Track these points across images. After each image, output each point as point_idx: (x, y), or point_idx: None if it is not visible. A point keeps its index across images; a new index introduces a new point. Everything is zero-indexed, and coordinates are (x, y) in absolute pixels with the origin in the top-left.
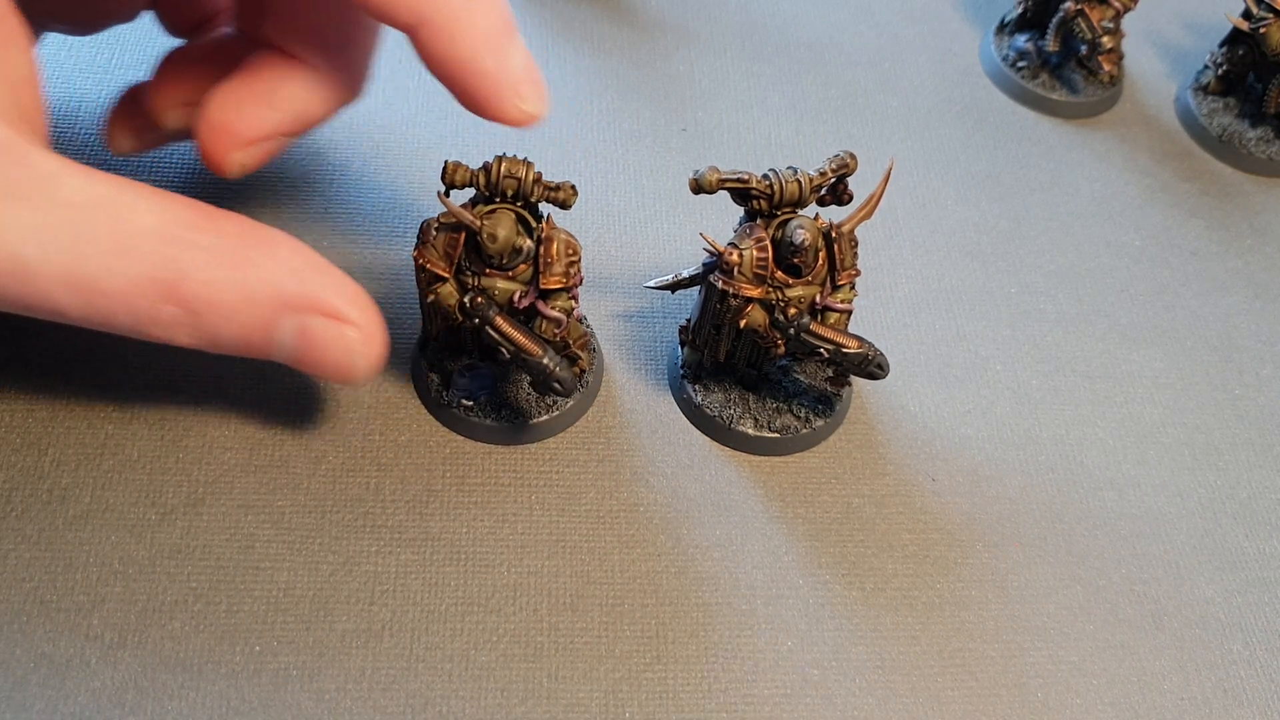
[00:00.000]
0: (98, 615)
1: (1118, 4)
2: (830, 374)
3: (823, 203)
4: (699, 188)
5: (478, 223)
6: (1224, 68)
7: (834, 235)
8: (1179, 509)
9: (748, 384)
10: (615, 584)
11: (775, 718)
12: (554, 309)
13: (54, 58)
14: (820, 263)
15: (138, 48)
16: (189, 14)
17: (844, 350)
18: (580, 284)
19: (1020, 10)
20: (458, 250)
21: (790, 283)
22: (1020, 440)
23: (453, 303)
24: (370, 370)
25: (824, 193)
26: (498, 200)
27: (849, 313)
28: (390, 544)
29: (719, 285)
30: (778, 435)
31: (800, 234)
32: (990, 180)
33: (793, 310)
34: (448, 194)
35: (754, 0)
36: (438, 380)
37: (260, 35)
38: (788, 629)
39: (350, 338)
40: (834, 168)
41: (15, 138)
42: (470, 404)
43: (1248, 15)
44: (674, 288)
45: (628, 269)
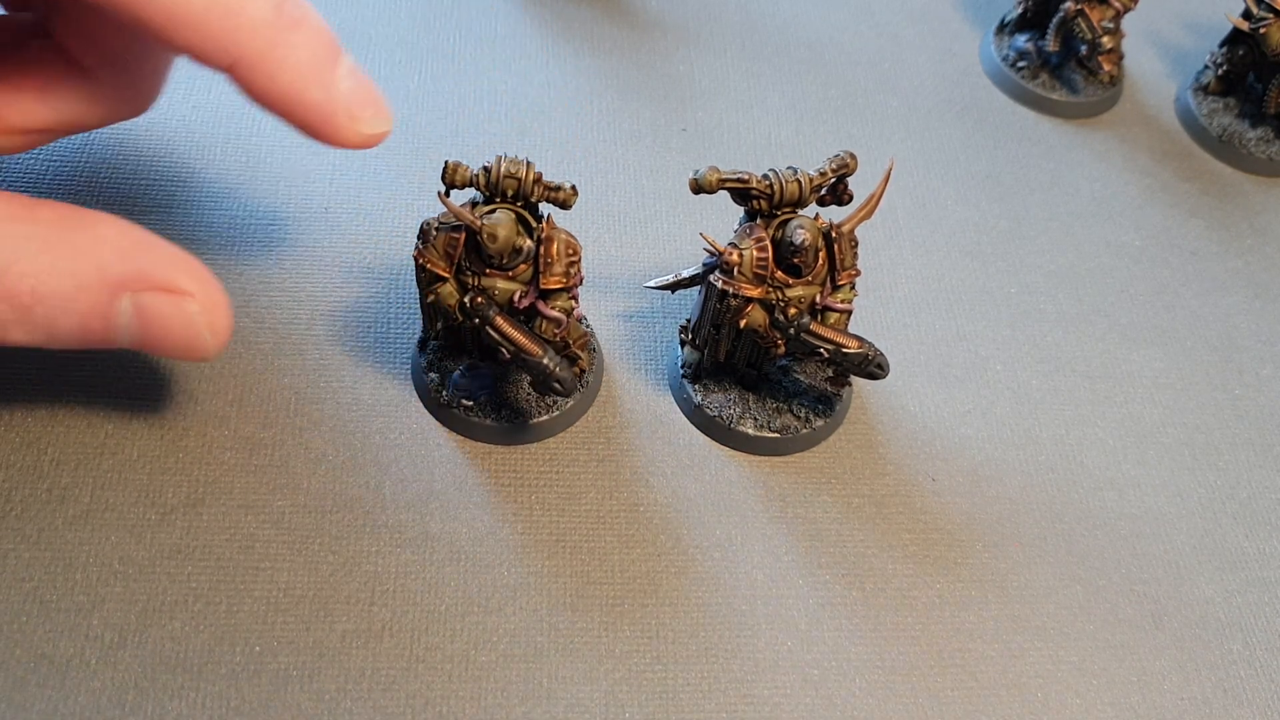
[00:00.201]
0: (98, 615)
1: (1118, 4)
2: (830, 374)
3: (823, 203)
4: (699, 188)
5: (478, 223)
6: (1224, 68)
7: (834, 235)
8: (1179, 509)
9: (748, 384)
10: (615, 584)
11: (775, 718)
12: (554, 309)
13: None
14: (820, 263)
15: None
16: None
17: (844, 350)
18: (580, 284)
19: (1020, 10)
20: (458, 250)
21: (790, 283)
22: (1020, 440)
23: (453, 303)
24: (219, 343)
25: (824, 193)
26: (498, 200)
27: (849, 313)
28: (390, 544)
29: (719, 285)
30: (778, 435)
31: (800, 234)
32: (990, 180)
33: (793, 310)
34: (448, 194)
35: (754, 0)
36: (438, 380)
37: (49, 29)
38: (788, 629)
39: (191, 311)
40: (834, 168)
41: None
42: (470, 404)
43: (1248, 15)
44: (674, 288)
45: (628, 269)
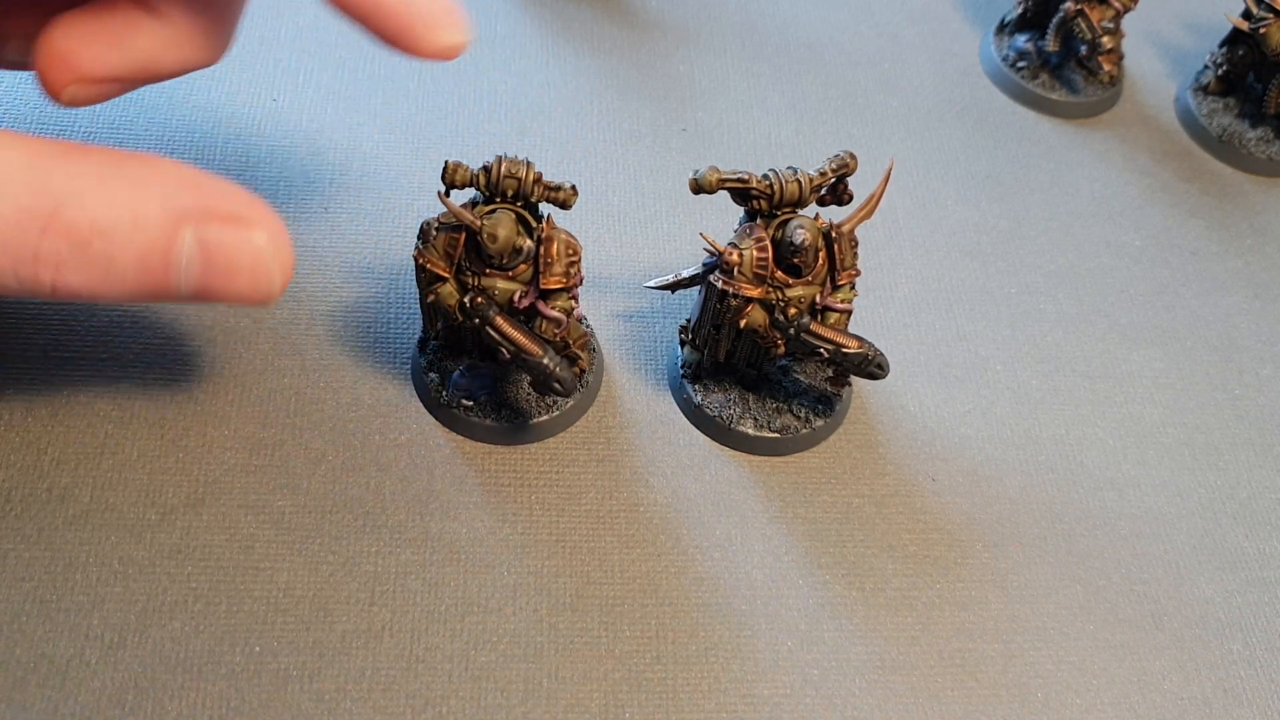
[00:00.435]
0: (98, 615)
1: (1118, 4)
2: (830, 374)
3: (823, 203)
4: (699, 188)
5: (478, 223)
6: (1224, 68)
7: (834, 235)
8: (1179, 509)
9: (748, 384)
10: (615, 584)
11: (775, 718)
12: (554, 309)
13: None
14: (820, 263)
15: None
16: None
17: (844, 350)
18: (580, 284)
19: (1020, 10)
20: (458, 250)
21: (790, 283)
22: (1020, 440)
23: (453, 303)
24: (285, 281)
25: (824, 193)
26: (498, 200)
27: (849, 313)
28: (390, 544)
29: (719, 285)
30: (778, 435)
31: (800, 234)
32: (990, 180)
33: (793, 310)
34: (448, 194)
35: (754, 0)
36: (438, 380)
37: None
38: (788, 629)
39: (259, 242)
40: (834, 168)
41: None
42: (470, 404)
43: (1248, 15)
44: (674, 288)
45: (628, 269)
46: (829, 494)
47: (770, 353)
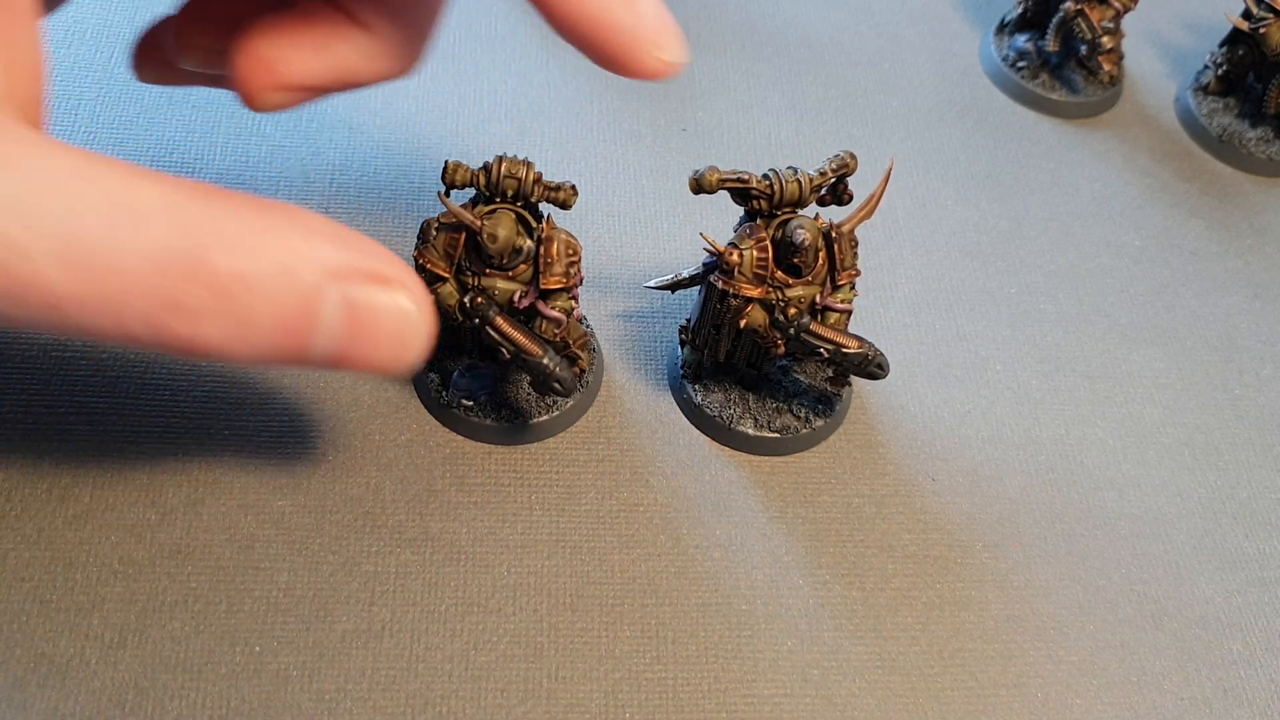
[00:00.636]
0: (98, 615)
1: (1118, 4)
2: (830, 374)
3: (823, 203)
4: (699, 188)
5: (478, 223)
6: (1224, 68)
7: (834, 235)
8: (1179, 509)
9: (748, 384)
10: (615, 584)
11: (775, 718)
12: (554, 309)
13: None
14: (820, 263)
15: None
16: None
17: (844, 350)
18: (580, 284)
19: (1020, 10)
20: (458, 250)
21: (790, 283)
22: (1020, 440)
23: (453, 303)
24: (426, 347)
25: (824, 193)
26: (498, 200)
27: (849, 313)
28: (390, 544)
29: (719, 285)
30: (778, 435)
31: (800, 234)
32: (990, 180)
33: (793, 310)
34: (448, 194)
35: (754, 0)
36: (438, 380)
37: None
38: (788, 629)
39: (405, 305)
40: (834, 168)
41: None
42: (470, 404)
43: (1248, 15)
44: (674, 288)
45: (628, 269)
46: (829, 494)
47: (770, 353)
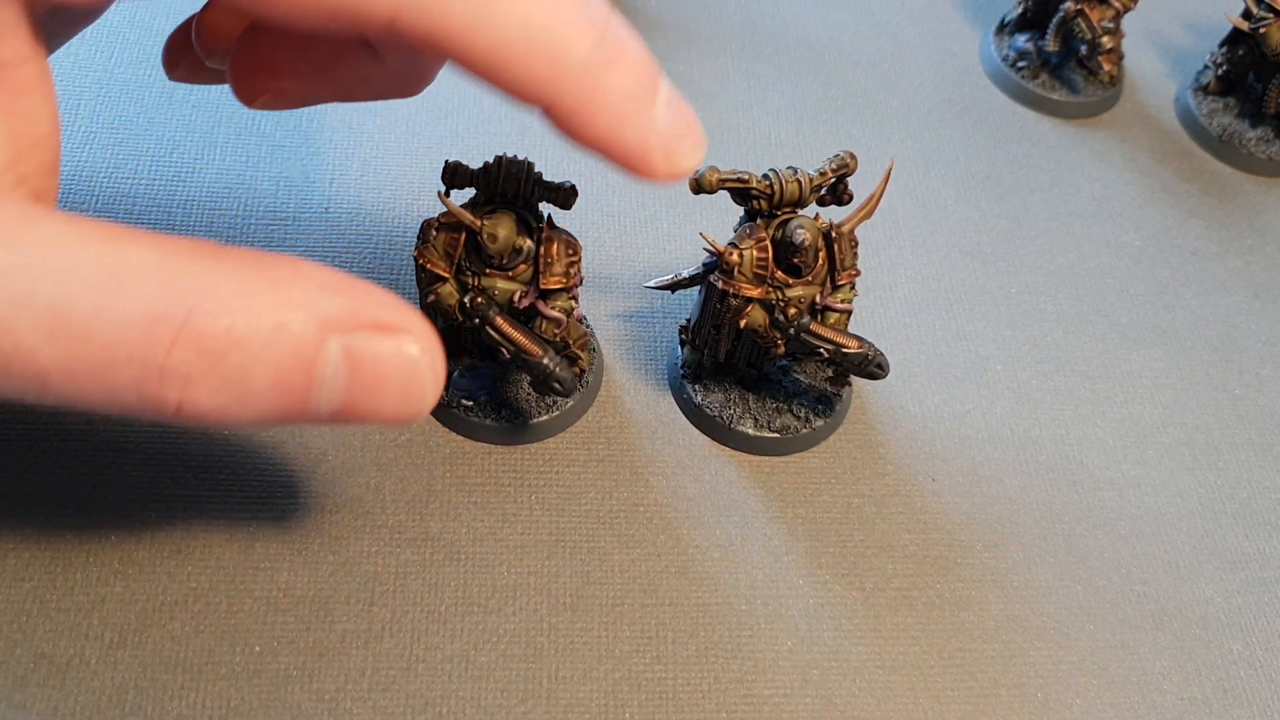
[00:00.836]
0: (98, 615)
1: (1118, 4)
2: (830, 374)
3: (823, 203)
4: (699, 188)
5: (478, 223)
6: (1224, 68)
7: (834, 235)
8: (1179, 509)
9: (748, 384)
10: (615, 584)
11: (775, 718)
12: (554, 309)
13: None
14: (820, 263)
15: None
16: None
17: (844, 350)
18: (580, 284)
19: (1020, 10)
20: (458, 250)
21: (790, 283)
22: (1020, 440)
23: (453, 303)
24: (437, 392)
25: (824, 193)
26: (498, 200)
27: (849, 313)
28: (390, 544)
29: (719, 285)
30: (778, 435)
31: (800, 234)
32: (990, 180)
33: (793, 310)
34: (448, 194)
35: (754, 0)
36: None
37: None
38: (788, 629)
39: (411, 353)
40: (834, 168)
41: None
42: (470, 404)
43: (1248, 15)
44: (674, 288)
45: (628, 269)
46: (829, 494)
47: (770, 353)
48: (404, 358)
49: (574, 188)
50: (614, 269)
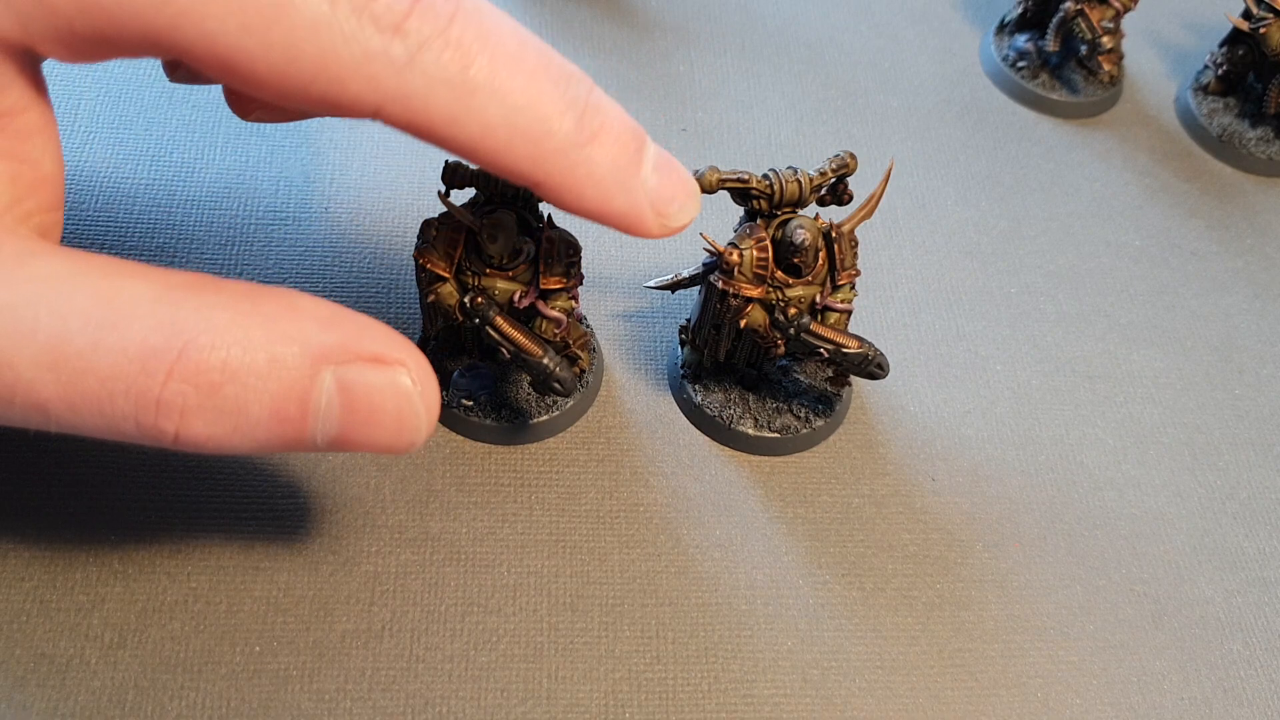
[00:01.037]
0: (98, 615)
1: (1118, 4)
2: (830, 374)
3: (823, 203)
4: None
5: (478, 223)
6: (1224, 68)
7: (834, 235)
8: (1179, 509)
9: (748, 384)
10: (615, 584)
11: (775, 718)
12: (554, 309)
13: None
14: (820, 263)
15: None
16: None
17: (844, 350)
18: (580, 284)
19: (1020, 10)
20: (458, 250)
21: (790, 283)
22: (1020, 440)
23: (453, 303)
24: (432, 423)
25: (824, 193)
26: (498, 200)
27: (849, 313)
28: (390, 544)
29: (719, 285)
30: (778, 435)
31: (800, 234)
32: (990, 180)
33: (793, 310)
34: (448, 194)
35: (754, 0)
36: (438, 380)
37: None
38: (788, 629)
39: (403, 384)
40: (834, 168)
41: None
42: (470, 404)
43: (1248, 15)
44: (674, 288)
45: (628, 269)
46: (829, 494)
47: (770, 353)
48: (397, 389)
49: None
50: (614, 269)
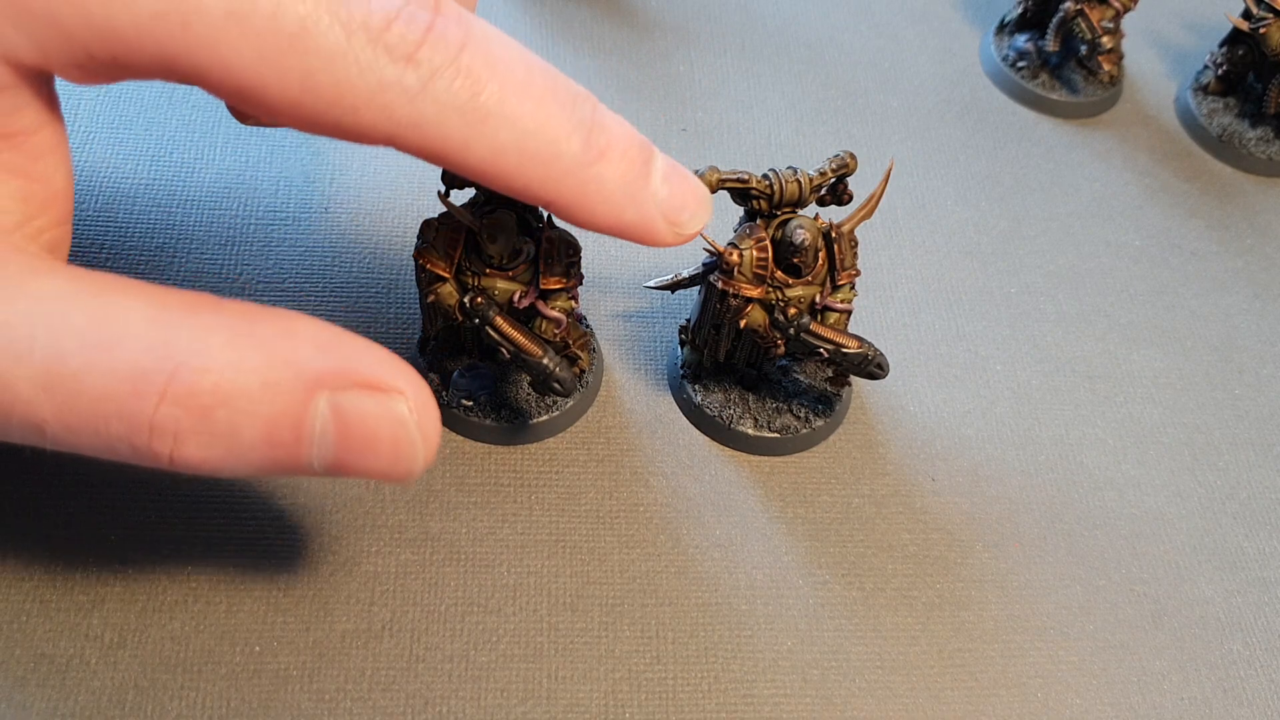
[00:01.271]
0: (98, 615)
1: (1118, 4)
2: (830, 374)
3: (823, 203)
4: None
5: (478, 223)
6: (1224, 68)
7: (834, 235)
8: (1179, 509)
9: (748, 384)
10: (615, 584)
11: (775, 718)
12: (554, 309)
13: None
14: (820, 263)
15: None
16: None
17: (844, 350)
18: (580, 284)
19: (1020, 10)
20: (458, 250)
21: (790, 283)
22: (1020, 440)
23: (453, 303)
24: (430, 456)
25: (824, 193)
26: (498, 200)
27: (849, 313)
28: (390, 544)
29: (719, 285)
30: (778, 435)
31: (800, 234)
32: (990, 180)
33: (793, 310)
34: (448, 194)
35: (754, 0)
36: (438, 380)
37: None
38: (788, 629)
39: (401, 411)
40: (834, 168)
41: None
42: (470, 404)
43: (1248, 15)
44: (674, 288)
45: (628, 269)
46: (829, 494)
47: (770, 353)
48: (393, 417)
49: None
50: (614, 269)
